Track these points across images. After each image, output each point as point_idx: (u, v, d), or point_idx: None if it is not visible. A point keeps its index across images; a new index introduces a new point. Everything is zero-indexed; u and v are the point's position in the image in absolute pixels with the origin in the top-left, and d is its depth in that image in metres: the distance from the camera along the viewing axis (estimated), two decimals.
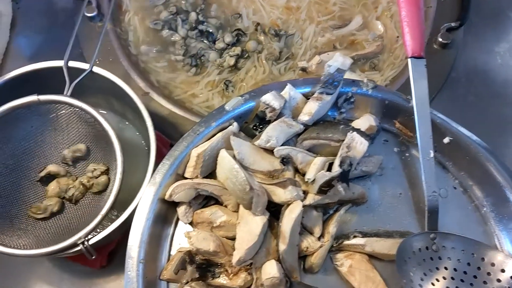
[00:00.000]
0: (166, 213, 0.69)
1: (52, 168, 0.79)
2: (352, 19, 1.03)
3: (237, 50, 0.97)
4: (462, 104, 0.94)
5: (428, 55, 0.89)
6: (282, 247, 0.64)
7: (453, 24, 0.97)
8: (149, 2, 1.04)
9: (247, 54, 0.98)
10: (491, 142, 0.73)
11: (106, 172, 0.80)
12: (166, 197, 0.67)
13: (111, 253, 0.81)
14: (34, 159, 0.80)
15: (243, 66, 0.97)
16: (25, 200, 0.78)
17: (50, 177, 0.80)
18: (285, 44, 1.00)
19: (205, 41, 1.00)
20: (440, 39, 0.96)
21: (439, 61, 0.96)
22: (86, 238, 0.67)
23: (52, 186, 0.78)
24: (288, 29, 1.01)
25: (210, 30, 1.00)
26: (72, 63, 0.78)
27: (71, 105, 0.75)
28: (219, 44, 0.98)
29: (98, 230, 0.70)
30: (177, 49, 0.99)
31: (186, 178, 0.70)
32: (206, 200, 0.71)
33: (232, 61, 0.96)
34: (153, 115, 0.77)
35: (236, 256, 0.63)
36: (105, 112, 0.89)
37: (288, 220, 0.64)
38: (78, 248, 0.67)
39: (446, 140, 0.74)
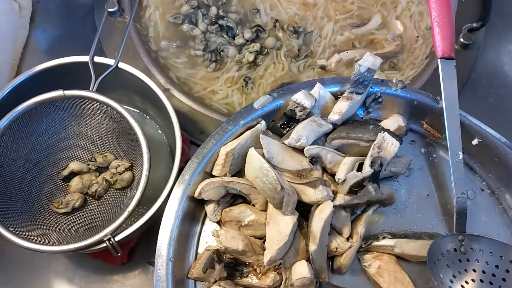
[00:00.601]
0: (194, 211, 0.67)
1: (74, 166, 0.77)
2: (371, 18, 1.00)
3: (256, 46, 0.94)
4: (482, 105, 0.92)
5: None
6: (313, 247, 0.61)
7: (474, 25, 0.95)
8: None
9: (266, 51, 0.95)
10: None
11: (130, 168, 0.77)
12: (196, 195, 0.65)
13: (131, 250, 0.79)
14: (56, 154, 0.78)
15: (262, 63, 0.94)
16: (47, 196, 0.75)
17: (73, 173, 0.77)
18: (304, 41, 0.97)
19: (224, 36, 0.97)
20: (462, 40, 0.93)
21: (460, 61, 0.90)
22: (112, 235, 0.65)
23: (75, 182, 0.76)
24: (306, 26, 0.98)
25: (230, 25, 0.97)
26: (97, 59, 0.75)
27: (96, 100, 0.72)
28: (239, 40, 0.95)
29: (123, 227, 0.67)
30: (197, 43, 0.96)
31: (213, 176, 0.68)
32: (234, 198, 0.69)
33: (251, 57, 0.93)
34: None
35: (267, 256, 0.60)
36: (127, 107, 0.85)
37: (319, 220, 0.62)
38: (104, 245, 0.65)
39: (474, 141, 0.72)
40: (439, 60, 0.71)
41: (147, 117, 0.87)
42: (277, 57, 0.96)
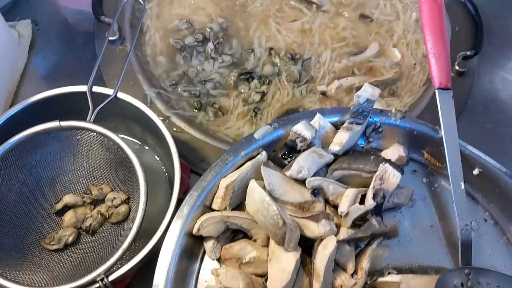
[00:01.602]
0: (192, 247, 0.62)
1: (68, 199, 0.71)
2: (368, 47, 0.97)
3: (263, 87, 0.90)
4: (480, 131, 0.88)
5: None
6: (317, 286, 0.56)
7: (468, 53, 0.92)
8: (173, 24, 0.98)
9: (268, 80, 0.91)
10: None
11: (127, 201, 0.72)
12: (194, 231, 0.60)
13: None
14: (50, 187, 0.72)
15: (268, 91, 0.91)
16: (39, 231, 0.70)
17: (66, 207, 0.72)
18: (303, 67, 0.93)
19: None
20: (457, 67, 0.90)
21: (456, 88, 0.86)
22: (106, 275, 0.59)
23: (68, 216, 0.70)
24: (304, 52, 0.95)
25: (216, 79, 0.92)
26: (96, 88, 0.71)
27: (93, 131, 0.68)
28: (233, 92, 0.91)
29: (117, 265, 0.61)
30: (191, 92, 0.90)
31: (213, 210, 0.63)
32: (234, 233, 0.64)
33: (258, 97, 0.89)
34: (173, 138, 0.70)
35: None
36: (125, 137, 0.81)
37: (322, 257, 0.57)
38: (97, 285, 0.59)
39: (475, 171, 0.68)
40: (436, 91, 0.68)
41: (146, 147, 0.82)
42: (280, 82, 0.92)
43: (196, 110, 0.89)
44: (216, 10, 1.00)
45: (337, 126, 0.68)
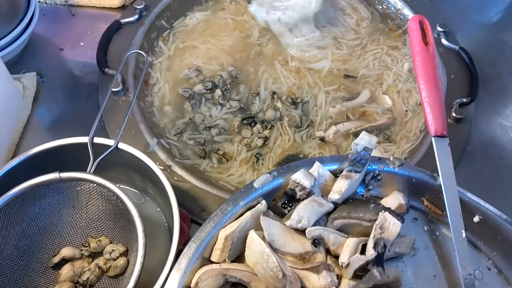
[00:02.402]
0: None
1: (66, 252, 0.70)
2: (360, 93, 1.01)
3: (265, 133, 0.92)
4: (480, 177, 0.89)
5: None
6: None
7: (464, 100, 0.95)
8: (183, 74, 1.01)
9: (270, 124, 0.93)
10: None
11: (125, 253, 0.71)
12: (192, 285, 0.59)
13: None
14: (48, 239, 0.72)
15: (270, 136, 0.93)
16: (34, 286, 0.68)
17: (64, 260, 0.71)
18: (303, 111, 0.96)
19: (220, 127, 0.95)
20: (454, 114, 0.93)
21: (454, 135, 0.91)
22: None
23: (66, 270, 0.69)
24: (303, 95, 0.99)
25: (221, 125, 0.95)
26: (97, 139, 0.72)
27: (93, 182, 0.68)
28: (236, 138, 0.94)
29: None
30: (196, 140, 0.93)
31: (212, 262, 0.62)
32: (233, 286, 0.63)
33: (260, 142, 0.91)
34: (174, 188, 0.71)
35: None
36: (126, 187, 0.82)
37: None
38: None
39: (476, 219, 0.68)
40: (433, 139, 0.70)
41: (147, 197, 0.82)
42: (281, 127, 0.94)
43: (201, 158, 0.90)
44: (229, 59, 1.05)
45: (336, 174, 0.69)
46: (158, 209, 0.81)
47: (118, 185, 0.68)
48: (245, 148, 0.92)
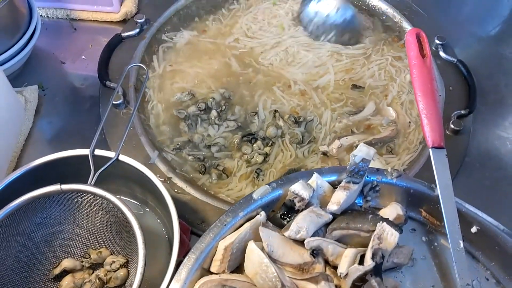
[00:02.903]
0: None
1: (67, 263, 0.71)
2: (365, 106, 1.02)
3: (266, 149, 0.94)
4: (479, 189, 0.90)
5: None
6: None
7: (462, 112, 0.96)
8: (175, 98, 1.02)
9: (271, 141, 0.94)
10: None
11: (125, 264, 0.72)
12: None
13: None
14: (49, 251, 0.73)
15: (271, 152, 0.94)
16: None
17: (65, 271, 0.72)
18: (306, 129, 0.97)
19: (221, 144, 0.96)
20: (452, 126, 0.94)
21: (453, 147, 0.92)
22: None
23: (66, 281, 0.70)
24: (307, 114, 1.00)
25: (222, 143, 0.96)
26: (98, 152, 0.73)
27: (94, 194, 0.70)
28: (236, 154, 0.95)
29: None
30: (196, 157, 0.94)
31: (211, 273, 0.63)
32: None
33: (260, 159, 0.92)
34: (174, 200, 0.72)
35: None
36: (126, 199, 0.83)
37: None
38: None
39: (473, 229, 0.69)
40: (430, 150, 0.71)
41: (147, 208, 0.84)
42: (283, 144, 0.95)
43: (200, 174, 0.91)
44: (218, 83, 1.06)
45: (334, 186, 0.70)
46: (159, 220, 0.82)
47: (118, 196, 0.69)
48: (245, 164, 0.93)
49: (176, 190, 0.86)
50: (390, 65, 1.10)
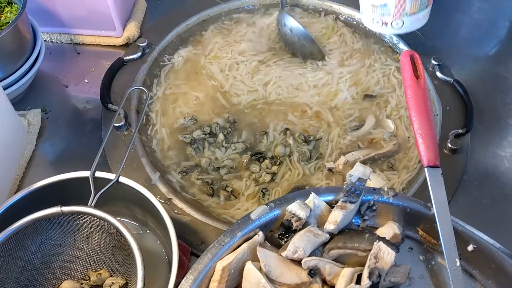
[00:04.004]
0: None
1: (67, 285, 0.72)
2: (366, 119, 1.05)
3: (274, 168, 0.95)
4: (477, 207, 0.91)
5: (440, 160, 0.89)
6: None
7: (460, 131, 0.98)
8: (178, 123, 1.04)
9: (279, 160, 0.96)
10: None
11: (125, 286, 0.73)
12: None
13: None
14: (49, 273, 0.74)
15: (278, 171, 0.96)
16: None
17: None
18: (314, 147, 0.99)
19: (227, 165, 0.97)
20: (450, 145, 0.95)
21: (451, 165, 0.94)
22: None
23: None
24: (318, 133, 1.02)
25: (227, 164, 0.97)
26: (98, 174, 0.75)
27: (94, 216, 0.71)
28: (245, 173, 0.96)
29: None
30: (204, 180, 0.95)
31: None
32: None
33: (268, 178, 0.93)
34: (174, 221, 0.73)
35: None
36: (126, 220, 0.84)
37: None
38: None
39: (470, 248, 0.69)
40: (425, 169, 0.72)
41: (147, 229, 0.85)
42: (290, 163, 0.97)
43: (209, 196, 0.93)
44: (218, 108, 1.07)
45: (332, 205, 0.71)
46: (159, 241, 0.83)
47: (118, 218, 0.71)
48: (253, 183, 0.94)
49: (176, 211, 0.88)
50: (393, 75, 1.13)
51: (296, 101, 1.09)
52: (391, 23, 1.08)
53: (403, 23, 1.07)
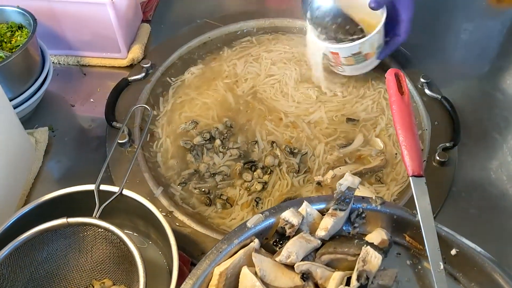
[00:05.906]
0: None
1: None
2: (355, 138, 1.10)
3: (265, 178, 1.00)
4: (465, 217, 0.95)
5: (429, 172, 0.95)
6: None
7: (447, 144, 1.02)
8: (181, 128, 1.10)
9: (269, 170, 1.01)
10: (498, 253, 0.72)
11: None
12: None
13: None
14: (54, 283, 0.77)
15: (269, 180, 1.01)
16: None
17: None
18: (301, 161, 1.04)
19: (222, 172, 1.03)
20: (438, 158, 1.00)
21: (440, 177, 0.98)
22: None
23: None
24: (301, 147, 1.07)
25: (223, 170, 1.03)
26: (103, 187, 0.79)
27: (99, 227, 0.75)
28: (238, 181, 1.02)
29: None
30: (201, 190, 1.00)
31: None
32: None
33: (259, 187, 0.99)
34: (175, 232, 0.77)
35: None
36: (129, 232, 0.88)
37: None
38: None
39: (453, 252, 0.73)
40: (410, 178, 0.76)
41: (149, 241, 0.88)
42: (280, 172, 1.02)
43: (206, 206, 0.97)
44: (223, 111, 1.15)
45: (323, 213, 0.75)
46: (160, 253, 0.87)
47: (123, 230, 0.74)
48: (246, 192, 0.99)
49: (177, 224, 0.92)
50: (383, 98, 1.18)
51: (275, 106, 1.17)
52: (335, 67, 1.19)
53: (344, 70, 1.17)
